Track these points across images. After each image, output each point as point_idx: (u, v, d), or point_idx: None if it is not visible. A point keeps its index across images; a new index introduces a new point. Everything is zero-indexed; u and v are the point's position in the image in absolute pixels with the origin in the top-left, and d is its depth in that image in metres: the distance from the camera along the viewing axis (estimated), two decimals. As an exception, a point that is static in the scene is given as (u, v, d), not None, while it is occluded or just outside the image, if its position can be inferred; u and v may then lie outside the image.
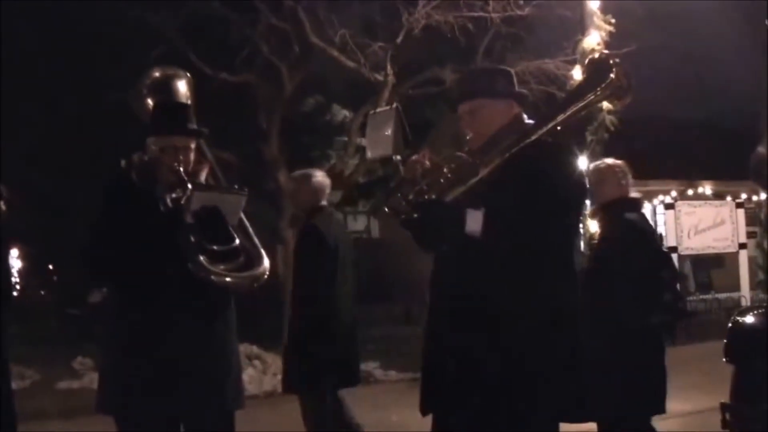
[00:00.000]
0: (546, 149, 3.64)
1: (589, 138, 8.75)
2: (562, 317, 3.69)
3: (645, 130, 21.57)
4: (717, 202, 17.26)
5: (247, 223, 4.24)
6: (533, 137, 3.60)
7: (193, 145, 4.22)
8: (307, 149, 19.27)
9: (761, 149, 5.13)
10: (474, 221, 3.52)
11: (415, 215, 3.59)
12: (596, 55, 3.76)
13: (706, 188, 21.27)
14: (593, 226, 8.71)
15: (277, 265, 18.33)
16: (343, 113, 18.01)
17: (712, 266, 21.36)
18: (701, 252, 16.41)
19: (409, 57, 13.25)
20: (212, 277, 3.90)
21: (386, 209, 3.86)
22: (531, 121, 3.84)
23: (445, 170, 3.67)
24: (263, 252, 4.14)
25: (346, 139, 15.67)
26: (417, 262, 5.43)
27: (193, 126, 4.27)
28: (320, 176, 6.31)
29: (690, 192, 21.10)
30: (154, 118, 4.28)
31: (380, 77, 12.57)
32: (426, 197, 3.65)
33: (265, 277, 4.08)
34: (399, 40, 12.39)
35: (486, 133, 3.81)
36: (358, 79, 13.19)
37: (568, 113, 3.62)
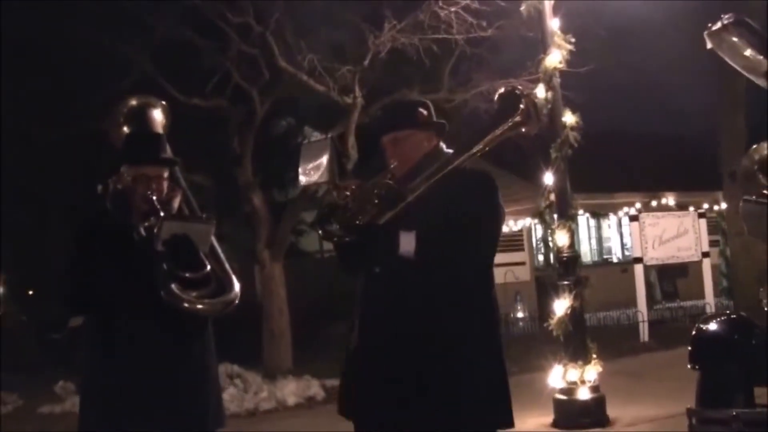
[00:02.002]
0: (467, 175, 3.81)
1: (553, 155, 8.78)
2: (494, 330, 3.83)
3: (609, 145, 21.75)
4: (680, 213, 17.39)
5: (219, 249, 4.25)
6: (454, 164, 3.74)
7: (166, 174, 4.22)
8: (280, 171, 19.26)
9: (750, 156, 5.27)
10: (407, 242, 3.66)
11: (348, 239, 3.73)
12: (504, 90, 3.89)
13: (669, 199, 21.44)
14: (561, 238, 8.77)
15: (254, 286, 18.35)
16: (314, 135, 18.02)
17: (677, 275, 21.51)
18: (666, 261, 16.51)
19: (376, 79, 13.26)
20: (184, 304, 3.89)
21: (320, 233, 3.95)
22: (450, 150, 3.96)
23: (374, 196, 3.77)
24: (234, 277, 4.14)
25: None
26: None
27: (167, 155, 4.28)
28: None
29: (654, 203, 21.25)
30: (128, 148, 4.28)
31: (349, 100, 12.58)
32: (359, 221, 3.75)
33: (236, 301, 4.08)
34: (366, 63, 12.39)
35: (410, 161, 3.92)
36: (328, 102, 13.20)
37: (484, 143, 3.75)
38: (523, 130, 3.73)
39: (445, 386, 3.66)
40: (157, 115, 4.71)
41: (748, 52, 4.84)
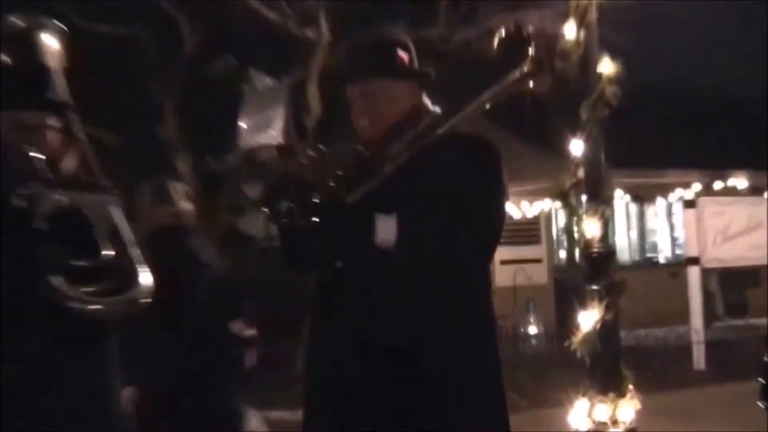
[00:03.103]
0: (459, 142, 3.85)
1: (584, 116, 8.76)
2: (490, 349, 3.91)
3: (659, 105, 21.79)
4: (752, 199, 17.46)
5: (126, 230, 4.20)
6: (444, 127, 3.80)
7: (56, 124, 4.18)
8: (215, 129, 19.16)
9: None
10: (386, 229, 3.67)
11: (303, 221, 3.73)
12: (504, 30, 3.93)
13: (739, 180, 21.48)
14: (591, 228, 8.76)
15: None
16: (264, 81, 17.93)
17: (746, 283, 21.61)
18: (731, 264, 16.57)
19: (349, 8, 13.24)
20: (71, 303, 3.84)
21: (266, 213, 3.96)
22: (437, 108, 4.02)
23: (340, 166, 3.81)
24: (145, 267, 4.10)
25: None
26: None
27: (58, 98, 4.23)
28: None
29: (717, 185, 21.31)
30: (3, 87, 4.23)
31: (312, 34, 12.54)
32: (318, 199, 3.75)
33: (147, 299, 4.04)
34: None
35: (385, 121, 3.96)
36: (283, 36, 13.14)
37: (480, 101, 3.81)
38: (532, 85, 3.76)
39: (429, 423, 3.70)
40: (49, 43, 4.64)
41: None
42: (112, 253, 4.03)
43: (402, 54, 4.05)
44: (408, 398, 3.71)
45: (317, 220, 3.74)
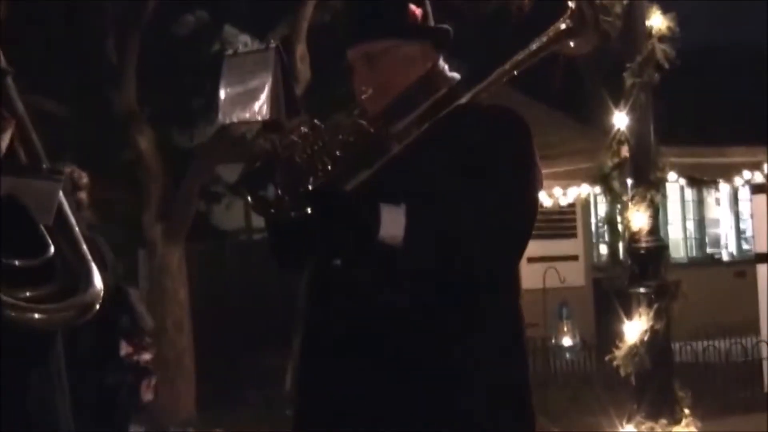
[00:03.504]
0: (482, 115, 3.83)
1: (629, 82, 8.76)
2: (517, 364, 3.91)
3: (720, 69, 21.75)
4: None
5: (73, 222, 4.21)
6: (464, 98, 3.79)
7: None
8: (183, 98, 19.18)
9: None
10: (393, 222, 3.65)
11: (294, 212, 3.72)
12: None
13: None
14: (638, 219, 8.76)
15: (137, 282, 18.30)
16: (241, 39, 17.95)
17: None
18: (811, 262, 16.57)
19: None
20: (7, 311, 3.84)
21: (248, 201, 3.94)
22: (455, 74, 4.00)
23: (338, 144, 3.77)
24: (93, 266, 4.10)
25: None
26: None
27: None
28: None
29: (794, 167, 21.34)
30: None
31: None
32: (311, 185, 3.73)
33: (96, 305, 4.04)
34: None
35: (392, 89, 3.95)
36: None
37: (511, 63, 3.81)
38: (572, 44, 3.78)
39: None
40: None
41: None
42: (58, 249, 4.04)
43: (414, 9, 4.02)
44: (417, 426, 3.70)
45: (310, 210, 3.73)
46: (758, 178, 19.40)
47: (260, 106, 4.12)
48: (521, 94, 13.05)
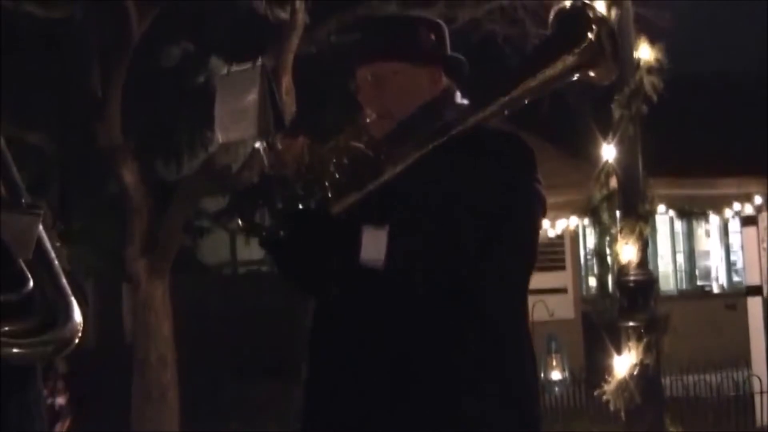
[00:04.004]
0: (487, 141, 3.81)
1: (617, 113, 8.78)
2: (513, 390, 3.80)
3: (710, 99, 21.78)
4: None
5: (53, 255, 4.18)
6: (469, 123, 3.76)
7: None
8: (168, 130, 19.18)
9: None
10: (374, 245, 3.62)
11: (282, 233, 3.69)
12: (566, 5, 3.92)
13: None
14: (627, 251, 8.77)
15: (121, 317, 18.24)
16: (236, 66, 17.91)
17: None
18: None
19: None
20: None
21: (239, 223, 3.93)
22: (465, 101, 3.98)
23: (333, 167, 3.74)
24: (72, 300, 4.07)
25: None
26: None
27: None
28: None
29: (784, 198, 21.36)
30: None
31: (285, 15, 12.57)
32: (302, 206, 3.70)
33: (76, 339, 4.01)
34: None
35: (398, 113, 3.93)
36: (251, 19, 13.16)
37: (521, 89, 3.79)
38: (591, 74, 3.75)
39: None
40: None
41: None
42: (37, 283, 4.01)
43: (427, 34, 4.02)
44: None
45: (290, 234, 3.70)
46: (748, 209, 19.41)
47: (251, 122, 4.12)
48: (509, 124, 13.07)
